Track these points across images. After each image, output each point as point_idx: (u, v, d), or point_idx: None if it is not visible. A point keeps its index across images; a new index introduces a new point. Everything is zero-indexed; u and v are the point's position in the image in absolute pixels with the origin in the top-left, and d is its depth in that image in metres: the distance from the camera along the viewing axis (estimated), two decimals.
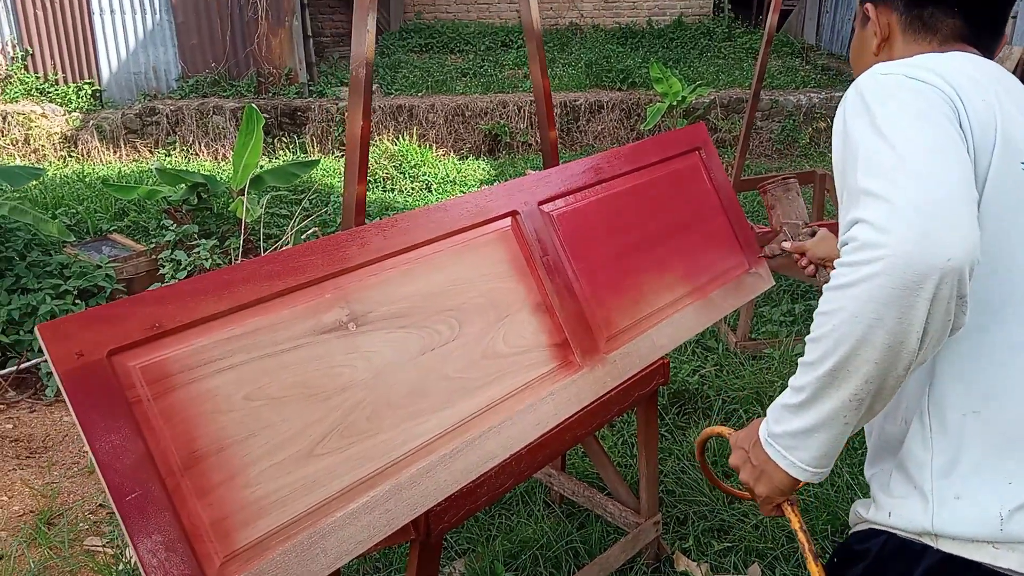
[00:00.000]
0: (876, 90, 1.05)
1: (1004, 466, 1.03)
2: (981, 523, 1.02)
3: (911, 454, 1.09)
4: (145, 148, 7.80)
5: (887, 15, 1.26)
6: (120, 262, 4.46)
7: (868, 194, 0.95)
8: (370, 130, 1.64)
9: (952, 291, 0.89)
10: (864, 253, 0.92)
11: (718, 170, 2.47)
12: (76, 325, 1.31)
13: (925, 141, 0.96)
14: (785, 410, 1.07)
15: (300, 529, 1.43)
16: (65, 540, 2.63)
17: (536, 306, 1.90)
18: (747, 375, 3.33)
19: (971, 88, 1.05)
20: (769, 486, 1.13)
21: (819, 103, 7.93)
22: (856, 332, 0.93)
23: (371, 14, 1.56)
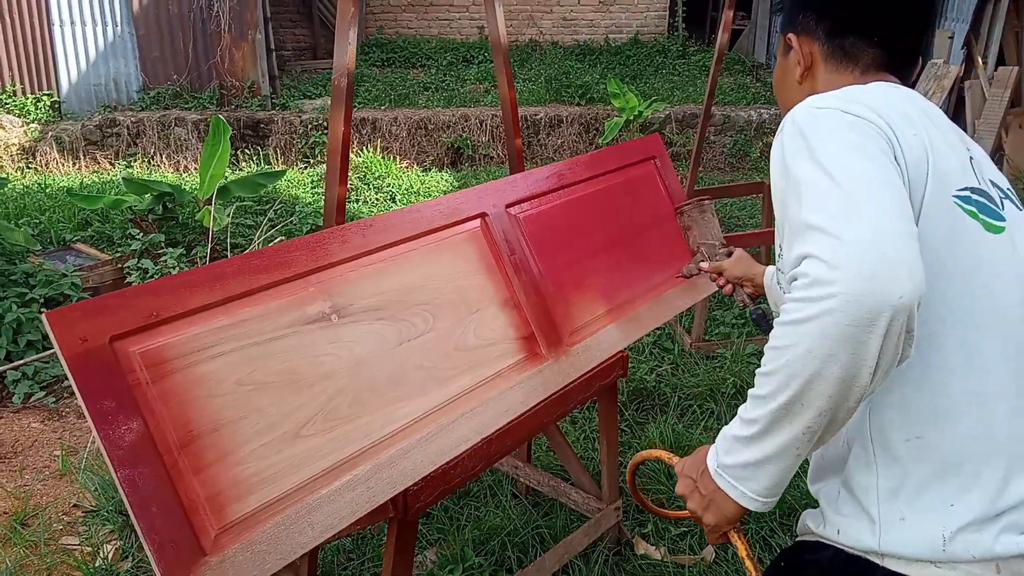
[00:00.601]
0: (813, 124, 1.07)
1: (946, 489, 1.06)
2: (925, 544, 1.05)
3: (856, 478, 1.11)
4: (105, 160, 7.77)
5: (809, 45, 1.29)
6: (86, 271, 4.48)
7: (815, 229, 0.96)
8: (350, 136, 1.76)
9: (903, 326, 0.92)
10: (816, 290, 0.93)
11: (672, 178, 2.64)
12: (80, 313, 1.41)
13: (867, 177, 0.98)
14: (736, 441, 1.08)
15: (288, 504, 1.54)
16: (41, 539, 2.67)
17: (504, 302, 2.04)
18: (702, 373, 3.51)
19: (903, 123, 1.09)
20: (718, 516, 1.14)
21: (769, 119, 8.24)
22: (810, 367, 0.95)
23: (352, 28, 1.69)
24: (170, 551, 1.39)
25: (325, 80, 9.39)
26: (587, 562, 2.41)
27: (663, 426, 3.10)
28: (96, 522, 2.76)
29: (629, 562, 2.44)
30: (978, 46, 7.22)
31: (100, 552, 2.61)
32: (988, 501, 1.05)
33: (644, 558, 2.46)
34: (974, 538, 1.04)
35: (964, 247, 1.09)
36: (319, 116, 7.89)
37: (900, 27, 1.24)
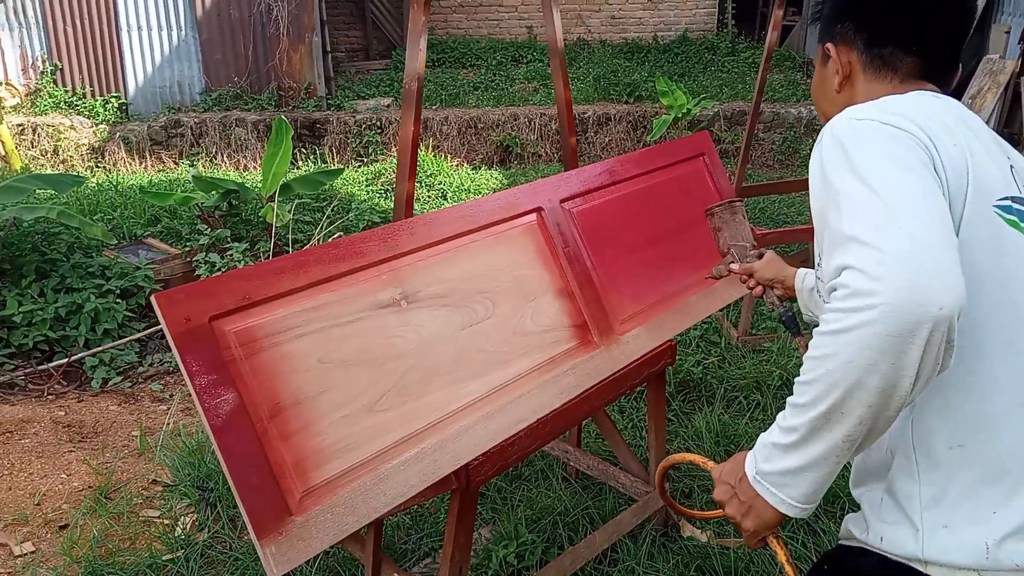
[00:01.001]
0: (853, 136, 1.08)
1: (989, 497, 1.06)
2: (968, 552, 1.05)
3: (899, 485, 1.13)
4: (170, 159, 8.11)
5: (848, 54, 1.30)
6: (157, 264, 4.74)
7: (855, 241, 0.97)
8: (419, 135, 1.91)
9: (943, 337, 0.93)
10: (857, 300, 0.94)
11: (721, 174, 2.73)
12: (184, 295, 1.58)
13: (908, 189, 0.99)
14: (776, 449, 1.09)
15: (363, 472, 1.68)
16: (124, 511, 2.88)
17: (559, 291, 2.16)
18: (748, 366, 3.59)
19: (943, 133, 1.09)
20: (757, 522, 1.15)
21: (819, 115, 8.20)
22: (851, 377, 0.96)
23: (423, 35, 1.84)
24: (262, 510, 1.54)
25: (378, 80, 9.62)
26: (635, 541, 2.52)
27: (709, 417, 3.19)
28: (174, 496, 2.97)
29: (675, 543, 2.54)
30: None
31: (179, 524, 2.81)
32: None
33: (690, 540, 2.56)
34: (1018, 547, 1.05)
35: (1007, 256, 1.10)
36: (372, 116, 8.11)
37: (939, 36, 1.25)
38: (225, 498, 2.87)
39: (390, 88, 9.30)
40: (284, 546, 1.54)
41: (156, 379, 4.06)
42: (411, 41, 1.86)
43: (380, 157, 7.87)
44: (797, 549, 2.46)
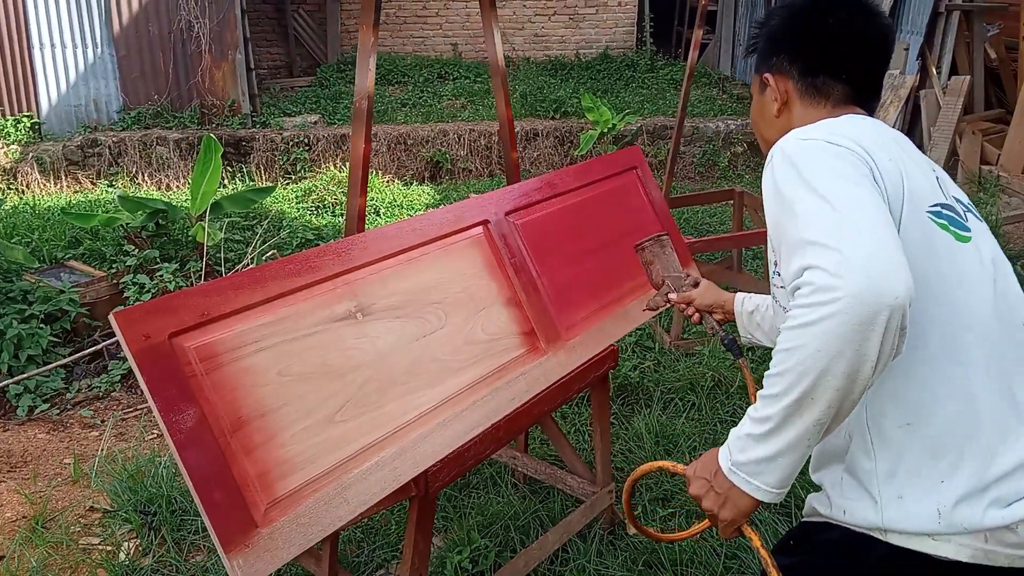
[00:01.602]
0: (802, 154, 1.20)
1: (936, 469, 1.18)
2: (922, 519, 1.18)
3: (857, 463, 1.24)
4: (87, 179, 7.85)
5: (784, 83, 1.44)
6: (82, 287, 4.60)
7: (815, 244, 1.08)
8: (370, 152, 1.96)
9: (898, 323, 1.04)
10: (821, 295, 1.04)
11: (652, 186, 2.87)
12: (142, 313, 1.59)
13: (857, 199, 1.11)
14: (750, 439, 1.17)
15: (326, 482, 1.71)
16: (63, 540, 2.80)
17: (507, 300, 2.24)
18: (682, 369, 3.74)
19: (878, 150, 1.23)
20: (734, 511, 1.23)
21: (736, 129, 8.56)
22: (820, 365, 1.05)
23: (372, 56, 1.89)
24: (227, 524, 1.56)
25: (304, 98, 9.55)
26: (585, 541, 2.61)
27: (648, 418, 3.31)
28: (115, 522, 2.90)
29: (623, 540, 2.64)
30: (932, 57, 7.60)
31: (121, 550, 2.75)
32: (976, 478, 1.18)
33: (636, 537, 2.66)
34: (966, 512, 1.17)
35: (941, 256, 1.23)
36: (300, 133, 8.05)
37: (863, 66, 1.40)
38: (169, 521, 2.82)
39: (316, 105, 9.24)
40: (251, 558, 1.56)
41: (85, 405, 3.94)
42: (361, 60, 1.92)
43: (309, 174, 7.81)
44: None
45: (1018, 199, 6.47)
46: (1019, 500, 1.18)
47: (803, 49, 1.42)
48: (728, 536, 1.31)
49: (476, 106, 9.21)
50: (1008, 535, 1.18)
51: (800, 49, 1.42)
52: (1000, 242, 5.27)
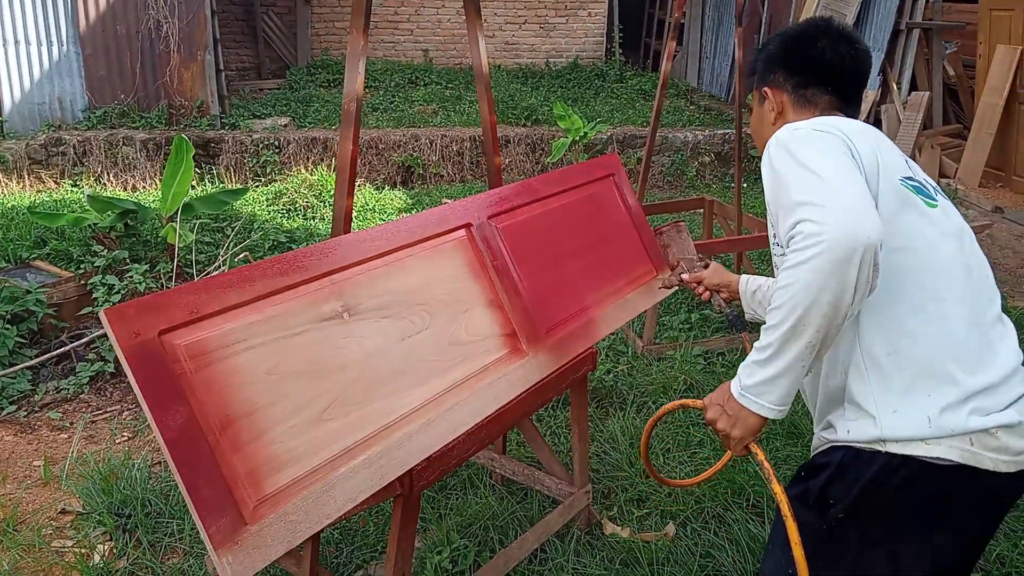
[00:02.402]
0: (793, 139, 1.47)
1: (923, 386, 1.42)
2: (915, 426, 1.40)
3: (856, 390, 1.47)
4: (51, 179, 7.70)
5: (779, 95, 1.74)
6: (49, 287, 4.52)
7: (803, 204, 1.34)
8: (358, 154, 1.98)
9: (871, 260, 1.29)
10: (809, 240, 1.30)
11: (629, 192, 2.92)
12: (133, 310, 1.59)
13: (837, 167, 1.38)
14: (755, 365, 1.43)
15: (314, 480, 1.73)
16: (34, 543, 2.76)
17: (489, 302, 2.27)
18: (654, 373, 3.80)
19: (856, 136, 1.51)
20: (744, 428, 1.48)
21: (703, 139, 8.70)
22: (810, 295, 1.31)
23: (361, 59, 1.91)
24: (217, 521, 1.56)
25: (274, 100, 9.49)
26: (563, 540, 2.64)
27: (623, 421, 3.37)
28: (88, 525, 2.86)
29: (600, 540, 2.68)
30: (893, 73, 7.82)
31: (95, 552, 2.72)
32: (958, 391, 1.41)
33: (613, 536, 2.71)
34: (951, 418, 1.40)
35: (915, 214, 1.50)
36: (270, 135, 7.99)
37: (845, 80, 1.70)
38: (144, 524, 2.79)
39: (287, 108, 9.18)
40: (240, 555, 1.57)
41: (53, 407, 3.88)
42: (350, 65, 1.94)
43: (279, 177, 7.76)
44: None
45: (975, 211, 6.69)
46: (994, 412, 1.41)
47: (796, 67, 1.72)
48: (739, 453, 1.55)
49: (448, 112, 9.23)
50: (990, 440, 1.40)
51: (793, 67, 1.72)
52: None
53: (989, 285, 1.55)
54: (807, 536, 1.45)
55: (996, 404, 1.43)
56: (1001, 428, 1.41)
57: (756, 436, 1.50)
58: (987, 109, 7.05)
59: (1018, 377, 1.49)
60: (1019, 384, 1.48)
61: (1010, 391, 1.45)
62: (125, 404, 3.90)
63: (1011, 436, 1.42)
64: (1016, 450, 1.42)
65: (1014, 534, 2.70)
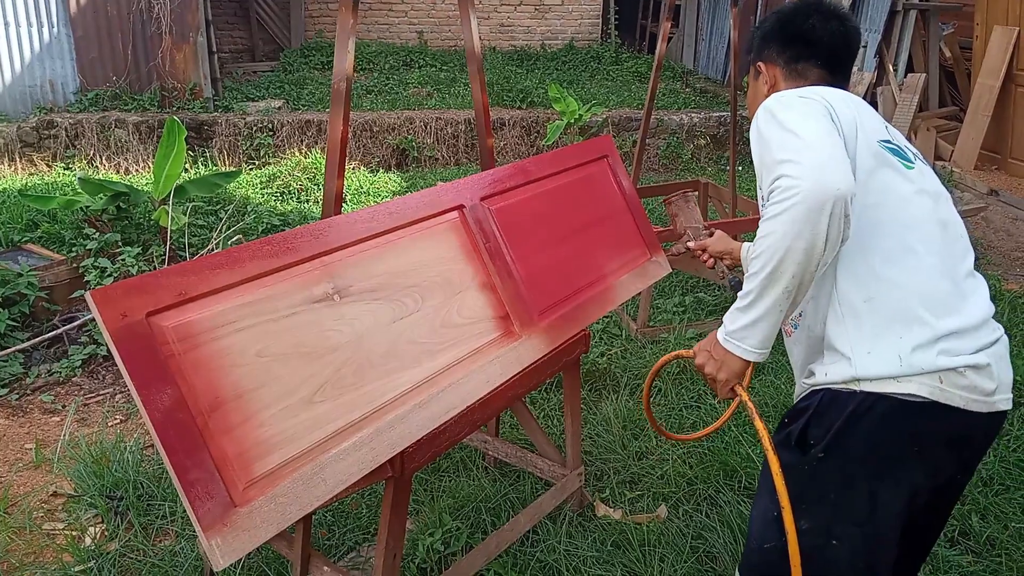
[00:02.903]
0: (778, 105, 1.57)
1: (896, 328, 1.51)
2: (887, 364, 1.49)
3: (833, 335, 1.57)
4: (43, 162, 7.65)
5: (773, 69, 1.84)
6: (41, 270, 4.50)
7: (783, 162, 1.44)
8: (348, 134, 1.96)
9: (842, 210, 1.39)
10: (785, 193, 1.41)
11: (623, 174, 2.91)
12: (120, 292, 1.58)
13: (814, 127, 1.47)
14: (737, 312, 1.55)
15: (304, 462, 1.72)
16: (26, 525, 2.76)
17: (482, 284, 2.26)
18: (648, 356, 3.80)
19: (838, 102, 1.60)
20: (728, 372, 1.60)
21: (699, 122, 8.67)
22: (785, 243, 1.41)
23: (351, 37, 1.89)
24: (206, 504, 1.56)
25: (267, 82, 9.42)
26: (555, 522, 2.65)
27: (616, 403, 3.37)
28: (79, 507, 2.86)
29: (592, 521, 2.69)
30: (889, 54, 7.78)
31: (87, 534, 2.72)
32: (928, 332, 1.50)
33: (604, 518, 2.71)
34: (921, 356, 1.49)
35: (891, 172, 1.60)
36: (264, 118, 7.94)
37: (835, 54, 1.79)
38: (136, 506, 2.79)
39: (280, 90, 9.12)
40: (229, 537, 1.57)
41: (45, 390, 3.87)
42: (339, 43, 1.91)
43: (273, 160, 7.71)
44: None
45: (971, 194, 6.68)
46: (963, 354, 1.50)
47: (788, 42, 1.81)
48: (725, 395, 1.66)
49: (442, 94, 9.18)
50: (959, 378, 1.49)
51: (786, 42, 1.82)
52: None
53: (963, 242, 1.64)
54: (791, 478, 1.53)
55: (965, 347, 1.51)
56: (969, 368, 1.49)
57: (740, 378, 1.62)
58: (983, 91, 7.02)
59: (988, 327, 1.58)
60: (989, 333, 1.57)
61: (980, 338, 1.54)
62: (117, 387, 3.89)
63: (980, 376, 1.50)
64: (985, 390, 1.51)
65: (1004, 516, 2.72)
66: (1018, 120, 6.91)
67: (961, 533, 2.66)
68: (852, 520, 1.56)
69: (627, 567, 2.48)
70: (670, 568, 2.46)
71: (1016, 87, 6.87)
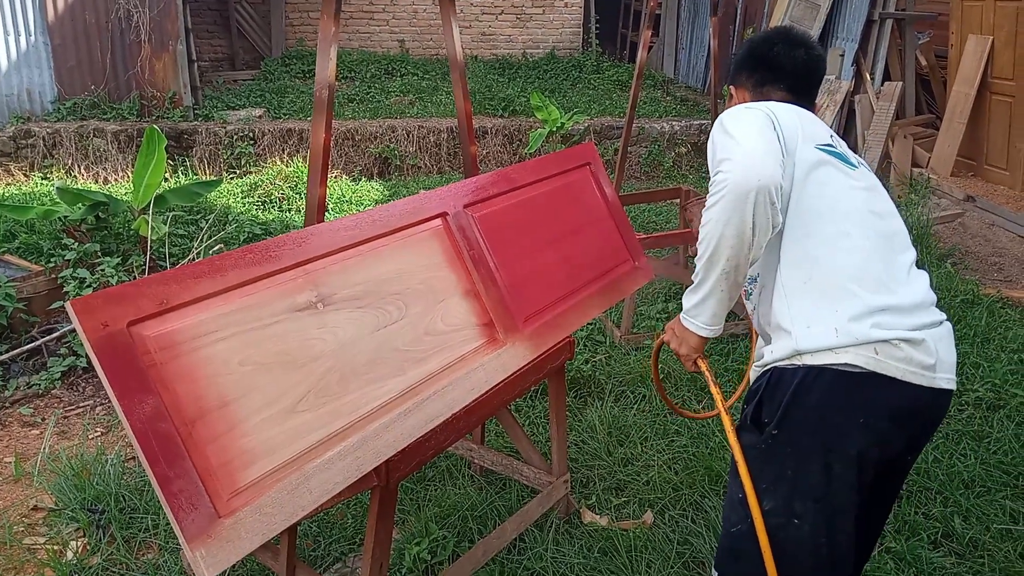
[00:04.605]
0: (727, 116, 1.75)
1: (832, 304, 1.64)
2: (824, 337, 1.61)
3: (778, 315, 1.71)
4: (20, 172, 7.56)
5: (743, 93, 2.03)
6: (19, 281, 4.44)
7: (721, 161, 1.64)
8: (331, 142, 1.96)
9: (766, 199, 1.58)
10: (719, 186, 1.60)
11: (605, 181, 2.92)
12: (101, 301, 1.56)
13: (751, 132, 1.65)
14: (690, 292, 1.76)
15: (289, 471, 1.71)
16: (6, 540, 2.71)
17: (466, 292, 2.25)
18: (632, 362, 3.81)
19: (782, 112, 1.77)
20: (688, 347, 1.83)
21: (680, 130, 8.73)
22: (718, 230, 1.61)
23: (333, 46, 1.89)
24: (190, 514, 1.54)
25: (248, 91, 9.37)
26: (541, 530, 2.64)
27: (601, 410, 3.37)
28: (60, 521, 2.82)
29: (578, 528, 2.69)
30: (866, 63, 7.88)
31: (68, 548, 2.68)
32: (862, 305, 1.62)
33: (591, 525, 2.71)
34: (855, 327, 1.60)
35: (832, 169, 1.75)
36: (244, 127, 7.90)
37: (800, 81, 1.96)
38: (118, 519, 2.76)
39: (261, 99, 9.08)
40: (214, 548, 1.55)
41: (24, 403, 3.81)
42: (321, 51, 1.91)
43: (254, 168, 7.67)
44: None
45: (947, 200, 6.77)
46: (896, 329, 1.61)
47: (756, 67, 1.99)
48: (690, 369, 1.89)
49: (424, 103, 9.18)
50: (894, 350, 1.60)
51: (754, 68, 1.99)
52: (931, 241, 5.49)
53: (902, 237, 1.77)
54: (752, 458, 1.69)
55: (900, 324, 1.62)
56: (903, 341, 1.60)
57: (700, 352, 1.83)
58: (959, 99, 7.12)
59: (927, 312, 1.69)
60: (927, 316, 1.68)
61: (916, 318, 1.65)
62: (98, 399, 3.84)
63: (915, 350, 1.61)
64: (922, 363, 1.61)
65: (986, 517, 2.74)
66: (993, 127, 7.02)
67: (944, 535, 2.68)
68: (810, 496, 1.64)
69: (614, 573, 2.48)
70: (657, 574, 2.46)
71: (991, 94, 6.98)
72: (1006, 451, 3.10)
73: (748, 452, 1.70)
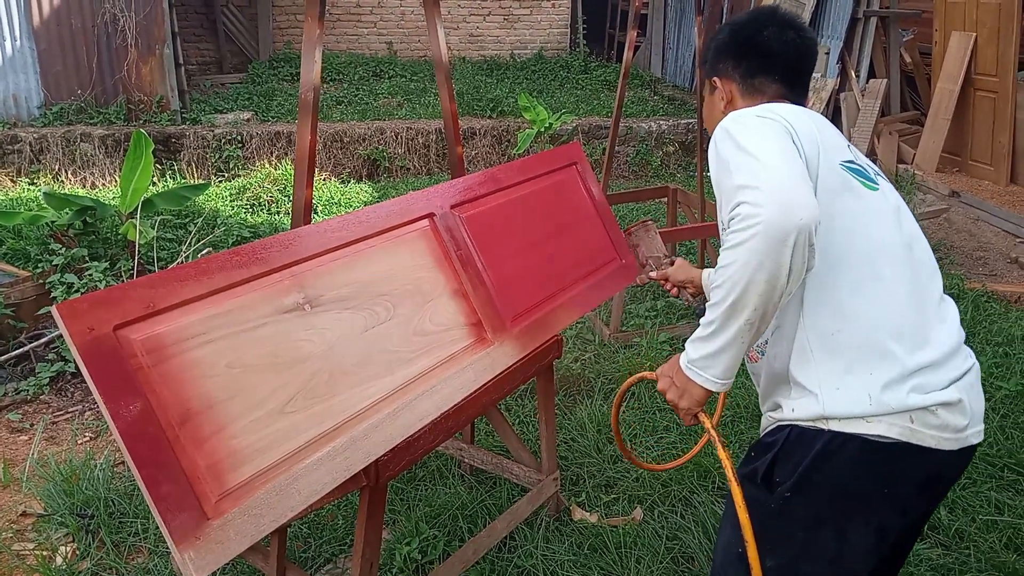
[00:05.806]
0: (736, 126, 1.48)
1: (866, 364, 1.44)
2: (856, 403, 1.42)
3: (800, 371, 1.48)
4: (7, 177, 7.52)
5: (729, 85, 1.76)
6: (6, 287, 4.42)
7: (742, 188, 1.35)
8: (316, 144, 1.96)
9: (805, 241, 1.31)
10: (746, 222, 1.32)
11: (592, 181, 2.93)
12: (86, 305, 1.56)
13: (774, 150, 1.39)
14: (700, 341, 1.46)
15: (278, 473, 1.71)
16: None
17: (454, 292, 2.26)
18: (621, 361, 3.83)
19: (798, 122, 1.51)
20: (690, 400, 1.52)
21: (667, 129, 8.76)
22: (747, 275, 1.33)
23: (318, 48, 1.90)
24: (178, 517, 1.55)
25: (236, 94, 9.35)
26: (532, 528, 2.66)
27: (590, 408, 3.39)
28: (49, 526, 2.81)
29: (568, 526, 2.70)
30: (851, 61, 7.93)
31: (58, 554, 2.67)
32: (898, 368, 1.43)
33: (581, 522, 2.72)
34: (891, 395, 1.42)
35: (854, 197, 1.53)
36: (232, 130, 7.89)
37: (792, 69, 1.72)
38: (108, 524, 2.75)
39: (249, 102, 9.06)
40: (203, 551, 1.55)
41: (12, 409, 3.80)
42: (306, 52, 1.92)
43: (243, 172, 7.65)
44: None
45: (932, 196, 6.82)
46: (935, 391, 1.43)
47: (743, 56, 1.73)
48: (688, 423, 1.59)
49: (413, 104, 9.18)
50: (930, 417, 1.43)
51: (741, 56, 1.73)
52: None
53: (929, 264, 1.57)
54: (757, 514, 1.47)
55: (937, 382, 1.44)
56: (941, 406, 1.42)
57: (702, 407, 1.55)
58: (943, 95, 7.18)
59: (960, 356, 1.51)
60: (961, 362, 1.50)
61: (951, 369, 1.47)
62: (87, 404, 3.83)
63: (951, 414, 1.44)
64: (957, 427, 1.44)
65: (972, 509, 2.77)
66: (977, 123, 7.08)
67: (930, 527, 2.71)
68: (821, 558, 1.51)
69: (604, 570, 2.49)
70: (646, 569, 2.48)
71: (975, 91, 7.04)
72: (991, 443, 3.13)
73: (753, 507, 1.47)
